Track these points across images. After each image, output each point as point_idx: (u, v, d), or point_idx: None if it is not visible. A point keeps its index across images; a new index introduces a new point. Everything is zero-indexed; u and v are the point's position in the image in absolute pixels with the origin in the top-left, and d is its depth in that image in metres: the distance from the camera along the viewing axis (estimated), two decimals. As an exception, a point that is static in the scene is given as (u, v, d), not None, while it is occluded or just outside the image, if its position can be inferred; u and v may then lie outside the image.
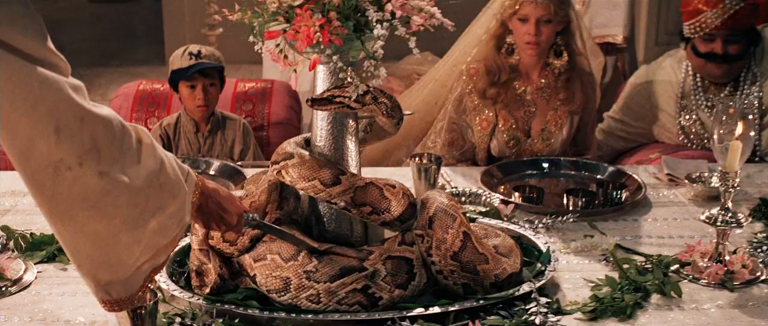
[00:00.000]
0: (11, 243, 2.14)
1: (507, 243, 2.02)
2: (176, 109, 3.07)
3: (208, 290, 1.88)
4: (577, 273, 2.09)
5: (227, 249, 1.91)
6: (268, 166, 1.98)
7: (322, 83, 1.90)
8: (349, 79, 1.84)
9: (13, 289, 1.97)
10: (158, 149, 1.49)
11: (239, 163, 2.64)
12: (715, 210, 2.09)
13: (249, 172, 2.65)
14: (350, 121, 1.93)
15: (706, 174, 2.60)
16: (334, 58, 1.81)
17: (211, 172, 2.69)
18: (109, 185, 1.38)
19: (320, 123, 1.93)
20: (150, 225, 1.47)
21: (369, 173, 2.66)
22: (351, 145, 1.94)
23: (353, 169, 1.95)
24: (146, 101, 3.19)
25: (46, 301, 1.93)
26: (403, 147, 3.22)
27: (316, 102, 1.86)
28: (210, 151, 2.91)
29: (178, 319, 1.81)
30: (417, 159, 2.50)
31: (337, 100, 1.85)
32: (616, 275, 2.05)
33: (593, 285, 2.01)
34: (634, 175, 2.64)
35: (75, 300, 1.92)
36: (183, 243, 2.08)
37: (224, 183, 2.61)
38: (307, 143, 2.00)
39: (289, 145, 1.96)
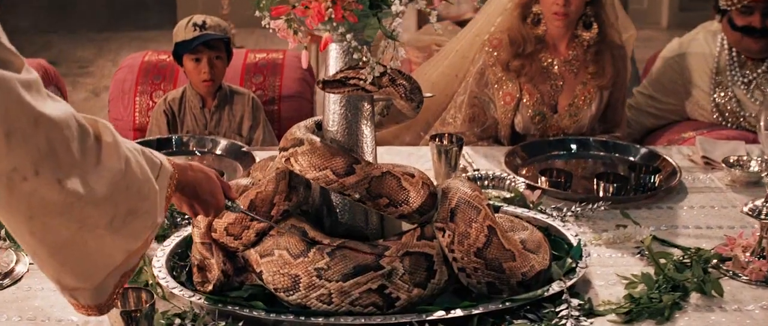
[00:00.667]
0: (3, 232, 1.99)
1: (535, 237, 1.85)
2: (183, 81, 2.90)
3: (210, 287, 1.73)
4: (609, 268, 1.92)
5: (231, 243, 1.76)
6: (278, 150, 1.81)
7: (334, 63, 1.73)
8: (364, 60, 1.66)
9: (5, 282, 1.83)
10: (122, 146, 1.32)
11: (245, 149, 2.47)
12: (759, 202, 1.92)
13: (258, 152, 2.49)
14: (365, 105, 1.76)
15: (744, 157, 2.42)
16: (348, 36, 1.64)
17: (218, 152, 2.53)
18: (70, 197, 1.22)
19: (333, 106, 1.76)
20: (120, 231, 1.32)
21: (385, 153, 2.50)
22: (366, 131, 1.77)
23: (368, 157, 1.78)
24: (152, 73, 3.02)
25: (37, 297, 1.78)
26: (421, 121, 3.04)
27: (328, 84, 1.69)
28: (217, 128, 2.75)
29: (177, 320, 1.67)
30: (437, 140, 2.34)
31: (351, 82, 1.68)
32: (651, 270, 1.89)
33: (627, 282, 1.85)
34: (668, 158, 2.46)
35: (68, 296, 1.78)
36: (185, 232, 1.92)
37: (231, 164, 2.45)
38: (319, 127, 1.84)
39: (299, 130, 1.79)
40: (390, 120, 1.89)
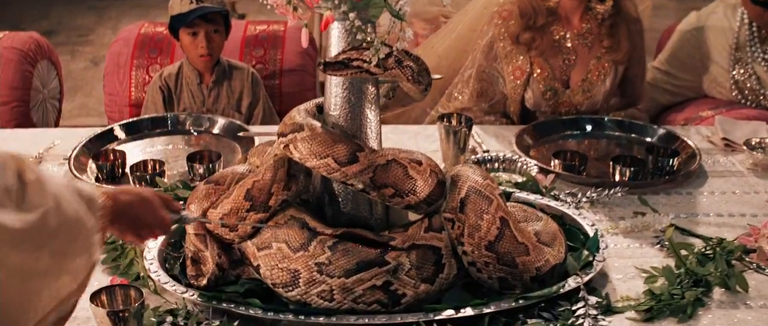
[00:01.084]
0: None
1: (549, 228, 1.73)
2: (180, 55, 2.76)
3: (204, 281, 1.62)
4: (627, 259, 1.81)
5: (226, 235, 1.64)
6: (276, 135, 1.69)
7: (336, 44, 1.60)
8: (368, 40, 1.53)
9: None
10: (49, 184, 1.18)
11: (241, 133, 2.33)
12: (786, 190, 1.79)
13: (258, 131, 2.37)
14: (369, 87, 1.63)
15: (766, 140, 2.29)
16: (351, 15, 1.51)
17: (216, 131, 2.40)
18: None
19: (334, 89, 1.63)
20: (49, 273, 1.18)
21: (390, 133, 2.37)
22: (370, 115, 1.65)
23: (373, 143, 1.66)
24: (148, 46, 2.88)
25: (21, 291, 1.67)
26: (426, 97, 2.90)
27: (330, 66, 1.56)
28: (215, 104, 2.62)
29: (169, 318, 1.56)
30: (445, 120, 2.21)
31: (355, 64, 1.56)
32: (671, 262, 1.77)
33: (647, 276, 1.73)
34: (686, 139, 2.32)
35: (54, 290, 1.67)
36: (179, 221, 1.80)
37: (229, 144, 2.33)
38: (320, 110, 1.71)
39: (299, 114, 1.66)
40: (396, 103, 1.77)
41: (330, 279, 1.54)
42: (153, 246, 1.73)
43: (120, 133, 2.34)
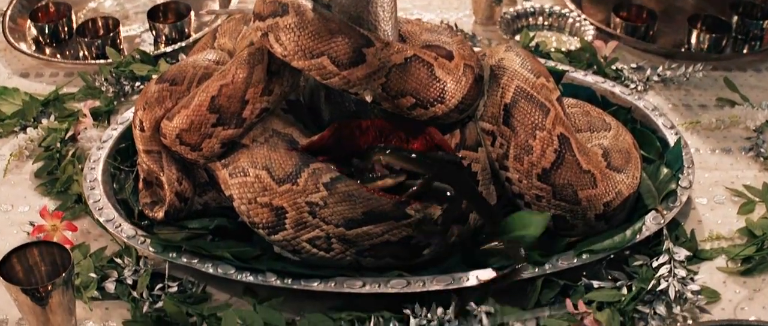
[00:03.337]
0: None
1: (621, 143, 1.22)
2: None
3: (162, 214, 1.14)
4: (714, 172, 1.32)
5: (188, 154, 1.14)
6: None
7: None
8: None
9: None
10: None
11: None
12: None
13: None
14: (383, -50, 1.08)
15: None
16: None
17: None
18: None
19: (333, -47, 1.08)
20: None
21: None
22: (383, -10, 1.10)
23: (386, 30, 1.13)
24: None
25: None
26: None
27: (325, -75, 1.00)
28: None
29: (114, 273, 1.10)
30: (477, -35, 1.65)
31: None
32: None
33: (742, 203, 1.25)
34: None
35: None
36: (128, 118, 1.30)
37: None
38: (314, -25, 1.16)
39: (283, -14, 1.11)
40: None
41: (326, 226, 1.07)
42: (96, 158, 1.24)
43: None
